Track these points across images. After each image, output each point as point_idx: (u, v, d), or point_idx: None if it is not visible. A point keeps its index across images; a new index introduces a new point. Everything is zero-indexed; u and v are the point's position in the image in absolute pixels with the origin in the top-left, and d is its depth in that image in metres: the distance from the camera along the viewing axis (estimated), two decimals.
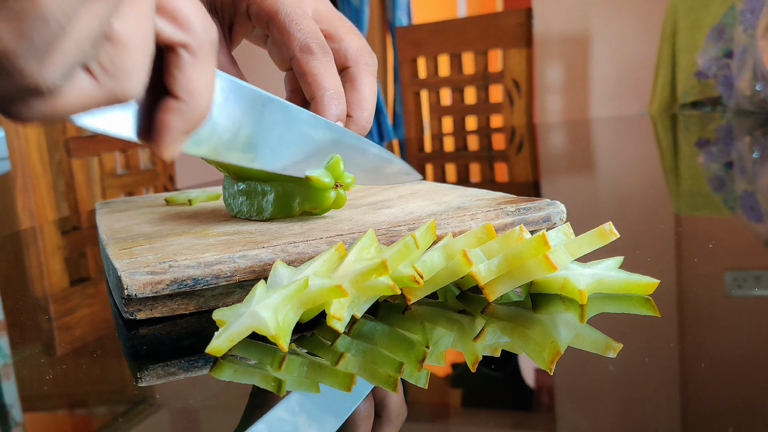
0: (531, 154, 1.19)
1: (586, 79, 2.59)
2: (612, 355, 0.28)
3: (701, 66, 1.93)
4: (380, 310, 0.34)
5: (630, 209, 0.61)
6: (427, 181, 0.57)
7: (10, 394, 0.30)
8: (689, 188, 0.73)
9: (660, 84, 2.14)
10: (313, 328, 0.32)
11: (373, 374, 0.28)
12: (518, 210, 0.41)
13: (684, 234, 0.50)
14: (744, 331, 0.30)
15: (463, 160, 1.15)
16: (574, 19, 2.56)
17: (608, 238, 0.33)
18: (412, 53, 1.84)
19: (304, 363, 0.29)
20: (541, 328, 0.31)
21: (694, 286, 0.37)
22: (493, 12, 1.91)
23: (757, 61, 1.49)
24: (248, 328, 0.28)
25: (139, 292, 0.32)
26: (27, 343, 0.37)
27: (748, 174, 0.78)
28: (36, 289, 0.52)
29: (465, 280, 0.35)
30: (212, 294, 0.35)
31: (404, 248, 0.31)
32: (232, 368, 0.29)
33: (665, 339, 0.30)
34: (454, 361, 0.30)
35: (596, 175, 0.90)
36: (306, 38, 0.42)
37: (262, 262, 0.35)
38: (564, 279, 0.32)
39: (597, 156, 1.14)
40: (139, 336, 0.34)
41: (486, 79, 1.75)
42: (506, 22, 1.72)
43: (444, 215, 0.40)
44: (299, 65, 0.42)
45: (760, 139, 1.08)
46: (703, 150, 1.03)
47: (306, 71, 0.42)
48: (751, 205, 0.61)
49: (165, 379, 0.29)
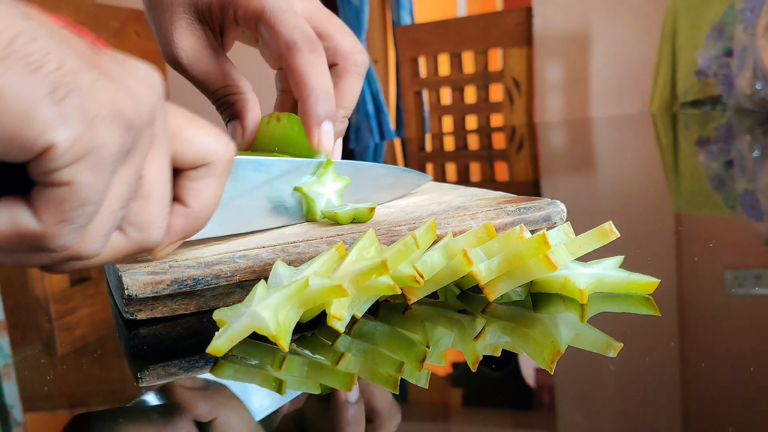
0: (531, 153, 1.19)
1: (586, 78, 2.59)
2: (612, 354, 0.28)
3: (701, 65, 1.93)
4: (380, 310, 0.34)
5: (630, 208, 0.61)
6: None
7: (11, 395, 0.31)
8: (689, 187, 0.73)
9: (660, 83, 2.14)
10: (314, 328, 0.32)
11: (373, 374, 0.28)
12: (518, 209, 0.41)
13: (684, 233, 0.50)
14: (744, 330, 0.30)
15: (463, 160, 1.15)
16: (574, 18, 2.56)
17: (608, 238, 0.33)
18: (413, 53, 1.84)
19: (304, 363, 0.29)
20: (541, 327, 0.31)
21: (695, 286, 0.37)
22: (493, 11, 1.91)
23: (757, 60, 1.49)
24: (249, 328, 0.28)
25: (139, 292, 0.32)
26: (28, 343, 0.37)
27: (749, 173, 0.78)
28: (37, 289, 0.52)
29: (465, 280, 0.35)
30: (213, 294, 0.35)
31: (404, 248, 0.31)
32: (233, 368, 0.29)
33: (665, 338, 0.30)
34: (454, 361, 0.30)
35: (596, 174, 0.90)
36: (293, 35, 0.41)
37: (262, 262, 0.35)
38: (564, 278, 0.32)
39: (597, 155, 1.14)
40: (140, 336, 0.34)
41: (486, 78, 1.75)
42: (506, 21, 1.72)
43: (444, 215, 0.40)
44: (287, 63, 0.41)
45: (761, 138, 1.08)
46: (703, 149, 1.03)
47: (294, 69, 0.41)
48: (752, 203, 0.61)
49: (165, 379, 0.29)
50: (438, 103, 1.84)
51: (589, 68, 2.58)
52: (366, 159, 1.16)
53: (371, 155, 1.24)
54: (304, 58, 0.41)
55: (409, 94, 1.86)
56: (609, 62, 2.53)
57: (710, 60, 1.90)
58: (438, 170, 1.01)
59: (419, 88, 1.84)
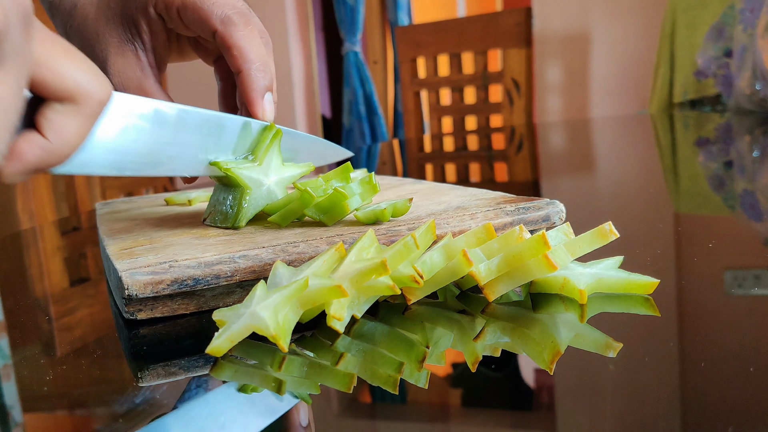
0: (531, 153, 1.19)
1: (585, 79, 2.59)
2: (612, 354, 0.28)
3: (701, 65, 1.93)
4: (380, 310, 0.34)
5: (630, 209, 0.61)
6: (426, 181, 0.57)
7: (10, 395, 0.30)
8: (689, 187, 0.73)
9: (659, 83, 2.14)
10: (313, 329, 0.32)
11: (373, 374, 0.28)
12: (517, 209, 0.41)
13: (684, 233, 0.50)
14: (744, 330, 0.30)
15: (462, 160, 1.15)
16: (573, 18, 2.56)
17: (608, 238, 0.33)
18: (412, 53, 1.84)
19: (304, 363, 0.29)
20: (541, 327, 0.31)
21: (694, 286, 0.37)
22: (493, 11, 1.91)
23: (756, 60, 1.49)
24: (248, 328, 0.28)
25: (139, 292, 0.32)
26: (27, 343, 0.37)
27: (748, 173, 0.78)
28: (36, 289, 0.52)
29: (465, 280, 0.35)
30: (213, 294, 0.35)
31: (404, 248, 0.31)
32: (232, 368, 0.29)
33: (665, 338, 0.30)
34: (454, 361, 0.30)
35: (596, 174, 0.90)
36: (224, 10, 0.41)
37: (262, 262, 0.35)
38: (564, 279, 0.33)
39: (597, 155, 1.14)
40: (140, 336, 0.34)
41: (486, 78, 1.75)
42: (506, 21, 1.72)
43: (444, 215, 0.40)
44: (222, 39, 0.41)
45: (760, 138, 1.08)
46: (702, 149, 1.03)
47: (230, 44, 0.41)
48: (751, 203, 0.61)
49: (165, 378, 0.29)
50: (437, 103, 1.84)
51: (588, 69, 2.58)
52: (359, 164, 1.15)
53: (364, 160, 1.24)
54: (240, 32, 0.41)
55: (409, 95, 1.86)
56: (608, 63, 2.53)
57: (709, 60, 1.90)
58: (438, 171, 1.01)
59: (419, 89, 1.84)
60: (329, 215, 0.40)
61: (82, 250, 0.66)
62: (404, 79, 1.86)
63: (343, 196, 0.39)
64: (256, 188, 0.40)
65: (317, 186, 0.40)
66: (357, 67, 3.35)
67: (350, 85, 3.36)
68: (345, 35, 3.36)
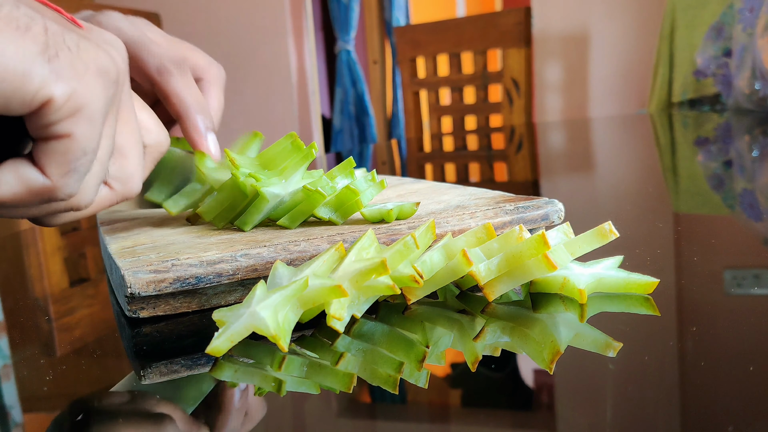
0: (530, 153, 1.19)
1: (585, 78, 2.59)
2: (612, 354, 0.28)
3: (700, 65, 1.93)
4: (380, 310, 0.34)
5: (629, 208, 0.61)
6: (426, 180, 0.57)
7: (10, 395, 0.31)
8: (688, 187, 0.73)
9: (659, 83, 2.14)
10: (313, 328, 0.32)
11: (373, 374, 0.28)
12: (517, 209, 0.41)
13: (683, 233, 0.50)
14: (743, 330, 0.30)
15: (462, 160, 1.15)
16: (573, 18, 2.56)
17: (608, 238, 0.33)
18: (412, 53, 1.84)
19: (304, 363, 0.29)
20: (540, 327, 0.31)
21: (694, 285, 0.37)
22: (492, 11, 1.91)
23: (756, 60, 1.49)
24: (248, 328, 0.28)
25: (142, 291, 0.32)
26: (27, 343, 0.37)
27: (747, 172, 0.78)
28: (36, 289, 0.52)
29: (465, 280, 0.35)
30: (214, 292, 0.35)
31: (404, 248, 0.31)
32: (233, 368, 0.29)
33: (665, 338, 0.30)
34: (453, 361, 0.30)
35: (596, 174, 0.90)
36: (162, 61, 0.43)
37: (264, 260, 0.35)
38: (564, 278, 0.33)
39: (596, 155, 1.14)
40: (142, 334, 0.34)
41: (485, 78, 1.75)
42: (505, 21, 1.72)
43: (443, 214, 0.41)
44: (160, 87, 0.43)
45: (759, 138, 1.08)
46: (702, 149, 1.03)
47: (169, 92, 0.43)
48: (751, 203, 0.61)
49: (168, 377, 0.29)
50: (437, 103, 1.84)
51: (588, 68, 2.58)
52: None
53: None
54: (176, 80, 0.43)
55: (409, 95, 1.86)
56: (608, 62, 2.53)
57: (709, 60, 1.90)
58: (437, 170, 1.01)
59: (418, 89, 1.84)
60: (341, 212, 0.40)
61: (82, 250, 0.67)
62: (404, 79, 1.86)
63: (355, 192, 0.39)
64: (273, 200, 0.40)
65: (324, 185, 0.40)
66: (349, 66, 3.33)
67: (342, 85, 3.34)
68: (338, 34, 3.34)
